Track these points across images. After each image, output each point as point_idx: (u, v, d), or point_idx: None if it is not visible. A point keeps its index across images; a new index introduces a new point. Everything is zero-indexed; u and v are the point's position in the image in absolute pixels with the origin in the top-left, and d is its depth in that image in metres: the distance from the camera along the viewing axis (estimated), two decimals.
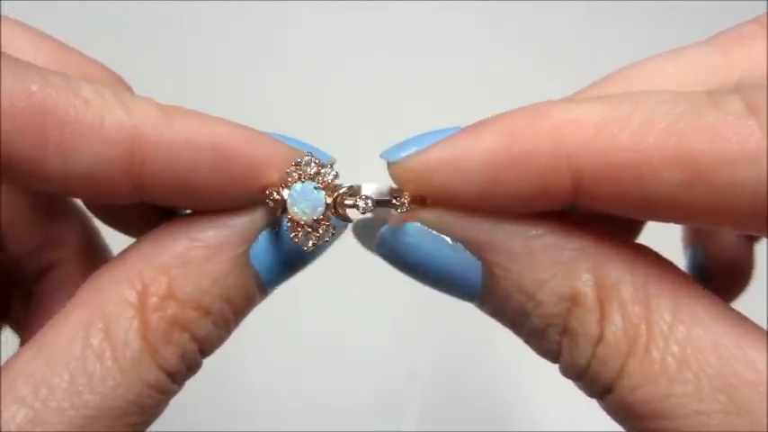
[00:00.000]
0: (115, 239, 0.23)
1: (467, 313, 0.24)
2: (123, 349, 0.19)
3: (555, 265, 0.19)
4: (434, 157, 0.20)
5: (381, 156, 0.21)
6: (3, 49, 0.19)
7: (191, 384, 0.22)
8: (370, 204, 0.21)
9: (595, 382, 0.19)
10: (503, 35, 0.65)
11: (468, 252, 0.20)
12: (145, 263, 0.20)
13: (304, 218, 0.20)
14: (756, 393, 0.17)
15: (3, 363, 0.19)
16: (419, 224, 0.21)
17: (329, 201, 0.21)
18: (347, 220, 0.21)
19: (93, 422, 0.18)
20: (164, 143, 0.19)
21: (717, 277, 0.31)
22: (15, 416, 0.18)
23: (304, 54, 0.63)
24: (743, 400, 0.17)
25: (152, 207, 0.22)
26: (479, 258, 0.20)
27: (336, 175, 0.21)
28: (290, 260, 0.22)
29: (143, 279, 0.20)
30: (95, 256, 0.27)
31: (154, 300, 0.19)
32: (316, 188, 0.21)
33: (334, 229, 0.21)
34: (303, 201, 0.20)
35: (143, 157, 0.19)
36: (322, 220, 0.21)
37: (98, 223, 0.28)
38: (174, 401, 0.21)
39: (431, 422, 0.48)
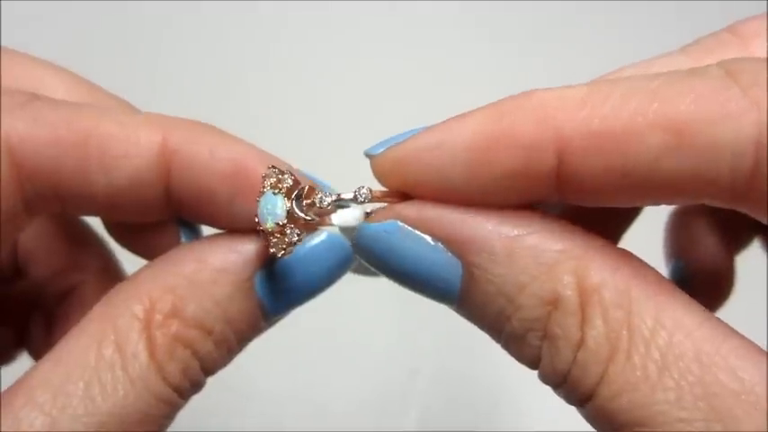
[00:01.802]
0: (132, 266, 0.24)
1: None
2: (132, 361, 0.20)
3: (537, 266, 0.19)
4: (418, 143, 0.20)
5: (365, 153, 0.21)
6: (38, 91, 0.22)
7: None
8: (328, 202, 0.21)
9: (576, 389, 0.19)
10: (502, 36, 0.65)
11: (448, 252, 0.20)
12: (154, 282, 0.21)
13: (270, 227, 0.20)
14: (738, 402, 0.17)
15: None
16: (399, 222, 0.20)
17: (288, 204, 0.21)
18: (312, 221, 0.21)
19: (105, 429, 0.19)
20: (191, 154, 0.21)
21: (698, 290, 0.29)
22: (34, 422, 0.19)
23: (303, 54, 0.63)
24: (724, 408, 0.17)
25: (173, 228, 0.24)
26: (459, 258, 0.20)
27: (295, 181, 0.21)
28: (296, 292, 0.22)
29: (151, 297, 0.21)
30: (113, 280, 0.28)
31: (159, 317, 0.21)
32: (274, 194, 0.21)
33: (300, 232, 0.21)
34: (265, 208, 0.21)
35: (173, 166, 0.21)
36: (286, 224, 0.20)
37: (116, 249, 0.29)
38: None
39: (432, 422, 0.48)
